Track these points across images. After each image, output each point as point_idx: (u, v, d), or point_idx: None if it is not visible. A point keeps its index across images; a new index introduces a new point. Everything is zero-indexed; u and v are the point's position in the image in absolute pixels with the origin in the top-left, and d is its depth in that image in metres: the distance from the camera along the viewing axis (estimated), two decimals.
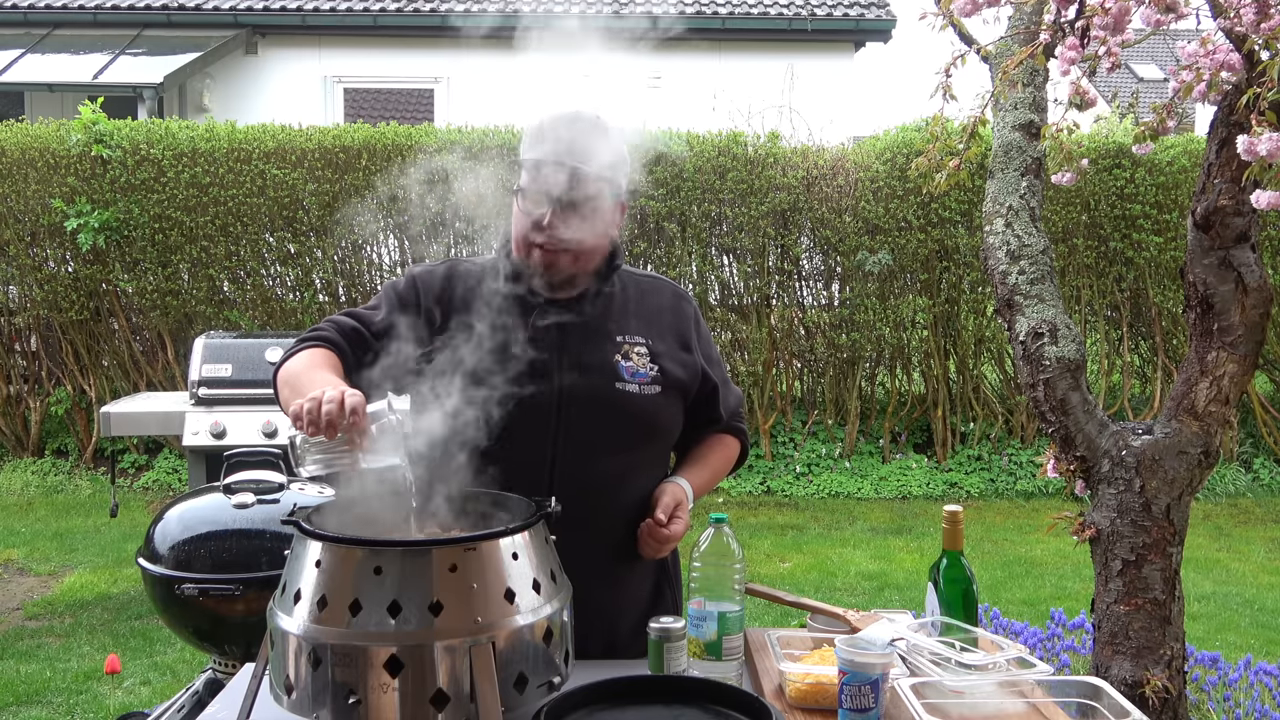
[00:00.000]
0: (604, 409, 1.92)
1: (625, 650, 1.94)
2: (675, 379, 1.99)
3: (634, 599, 2.01)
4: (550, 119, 1.92)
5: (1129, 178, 7.49)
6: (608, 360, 1.94)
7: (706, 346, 2.10)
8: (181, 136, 7.52)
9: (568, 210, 1.88)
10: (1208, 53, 2.26)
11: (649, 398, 1.94)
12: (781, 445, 8.03)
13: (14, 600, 5.37)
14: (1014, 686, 1.69)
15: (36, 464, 7.87)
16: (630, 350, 1.97)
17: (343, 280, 7.89)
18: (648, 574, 2.06)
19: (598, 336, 1.96)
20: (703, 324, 2.13)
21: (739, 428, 2.17)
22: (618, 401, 1.92)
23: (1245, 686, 3.51)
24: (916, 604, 4.14)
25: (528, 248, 1.93)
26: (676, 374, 1.99)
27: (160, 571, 2.93)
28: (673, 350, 2.01)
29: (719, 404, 2.10)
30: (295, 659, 1.47)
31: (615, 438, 1.92)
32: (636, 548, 1.98)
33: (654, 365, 1.97)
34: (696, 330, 2.08)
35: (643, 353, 1.97)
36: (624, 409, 1.93)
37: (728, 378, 2.15)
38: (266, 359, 4.82)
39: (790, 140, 7.91)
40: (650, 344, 1.99)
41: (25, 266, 7.70)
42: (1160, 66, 19.93)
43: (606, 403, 1.92)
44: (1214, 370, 2.40)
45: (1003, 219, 2.66)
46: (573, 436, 1.91)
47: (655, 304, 2.06)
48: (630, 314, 2.01)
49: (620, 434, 1.92)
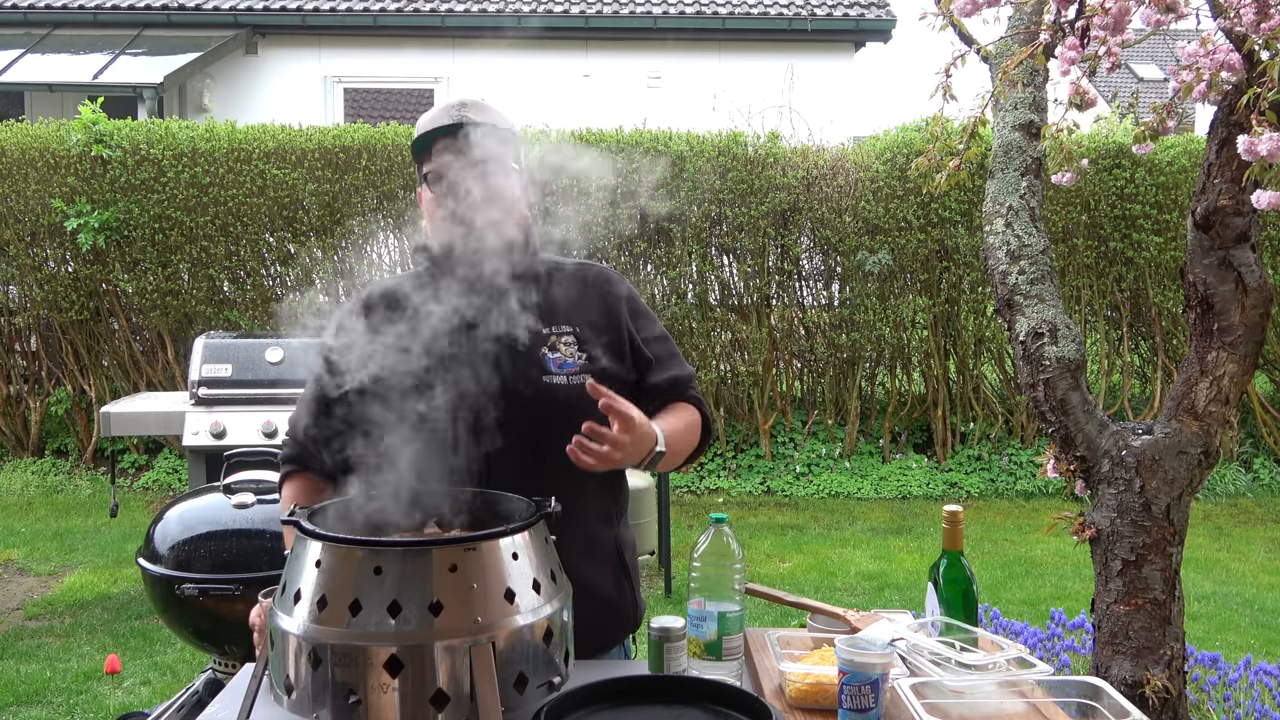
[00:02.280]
0: (533, 403, 1.90)
1: (586, 647, 1.82)
2: (604, 366, 1.96)
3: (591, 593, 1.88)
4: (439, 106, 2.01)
5: (1129, 178, 7.49)
6: (533, 353, 1.93)
7: (643, 324, 2.06)
8: (181, 136, 7.53)
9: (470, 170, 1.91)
10: (1208, 53, 2.26)
11: (578, 387, 1.90)
12: (781, 445, 8.03)
13: (14, 600, 5.37)
14: (1014, 686, 1.69)
15: (36, 464, 7.87)
16: (557, 341, 1.95)
17: (343, 280, 7.89)
18: (605, 569, 2.01)
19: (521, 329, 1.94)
20: (639, 302, 2.08)
21: (692, 395, 2.08)
22: (546, 394, 1.90)
23: (1245, 686, 3.51)
24: (916, 604, 4.14)
25: (446, 227, 1.94)
26: (605, 360, 1.96)
27: (160, 571, 2.94)
28: (601, 336, 1.98)
29: (652, 375, 2.02)
30: (295, 659, 1.47)
31: (549, 430, 1.87)
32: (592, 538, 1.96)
33: (582, 353, 1.95)
34: (629, 310, 2.04)
35: (570, 341, 1.95)
36: (553, 400, 1.90)
37: (674, 353, 2.09)
38: (266, 359, 4.83)
39: (790, 140, 7.91)
40: (578, 331, 1.97)
41: (25, 266, 7.70)
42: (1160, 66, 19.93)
43: (534, 397, 1.90)
44: (1214, 370, 2.40)
45: (1003, 219, 2.67)
46: (507, 434, 1.88)
47: (582, 290, 2.03)
48: (556, 303, 1.99)
49: (553, 426, 1.86)
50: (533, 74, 11.07)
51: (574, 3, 12.30)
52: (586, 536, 1.95)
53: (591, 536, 1.97)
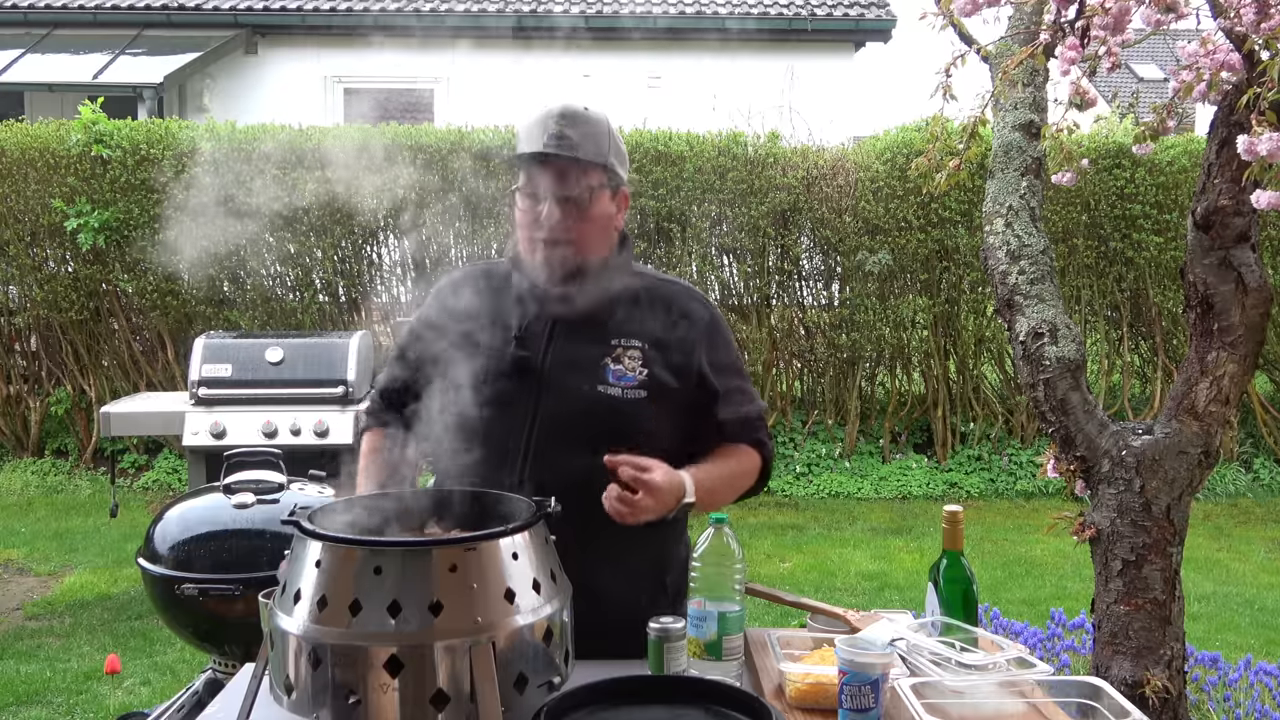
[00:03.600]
0: (580, 409, 1.91)
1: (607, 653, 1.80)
2: (664, 385, 1.96)
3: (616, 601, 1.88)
4: (540, 115, 1.94)
5: (1129, 178, 7.49)
6: (595, 361, 1.94)
7: (719, 354, 2.04)
8: (181, 136, 7.53)
9: (564, 202, 1.90)
10: (1208, 53, 2.26)
11: (631, 401, 1.92)
12: (781, 445, 8.03)
13: (14, 600, 5.37)
14: (1014, 686, 1.69)
15: (36, 464, 7.87)
16: (623, 353, 1.95)
17: (343, 280, 7.89)
18: (638, 577, 1.99)
19: (590, 337, 1.96)
20: (721, 331, 2.07)
21: (755, 439, 2.07)
22: (596, 403, 1.91)
23: (1245, 686, 3.51)
24: (916, 604, 4.14)
25: (532, 245, 1.95)
26: (666, 379, 1.96)
27: (160, 571, 2.94)
28: (670, 356, 1.98)
29: (719, 409, 2.02)
30: (295, 659, 1.47)
31: (589, 438, 1.88)
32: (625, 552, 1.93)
33: (644, 370, 1.95)
34: (708, 337, 2.03)
35: (635, 356, 1.95)
36: (601, 410, 1.91)
37: (746, 389, 2.07)
38: (266, 359, 4.83)
39: (790, 140, 7.90)
40: (646, 348, 1.96)
41: (25, 266, 7.69)
42: (1160, 66, 19.92)
43: (583, 403, 1.91)
44: (1214, 370, 2.40)
45: (1003, 219, 2.67)
46: (547, 434, 1.91)
47: (664, 308, 2.02)
48: (635, 317, 1.99)
49: (594, 435, 1.89)
50: (532, 74, 11.07)
51: (574, 3, 12.30)
52: (624, 548, 1.91)
53: (627, 549, 1.92)
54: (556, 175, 1.90)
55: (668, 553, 2.05)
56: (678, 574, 2.03)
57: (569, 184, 1.90)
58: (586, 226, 1.93)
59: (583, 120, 1.93)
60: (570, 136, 1.89)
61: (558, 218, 1.90)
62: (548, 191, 1.90)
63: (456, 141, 7.50)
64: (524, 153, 1.92)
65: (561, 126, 1.90)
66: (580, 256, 1.95)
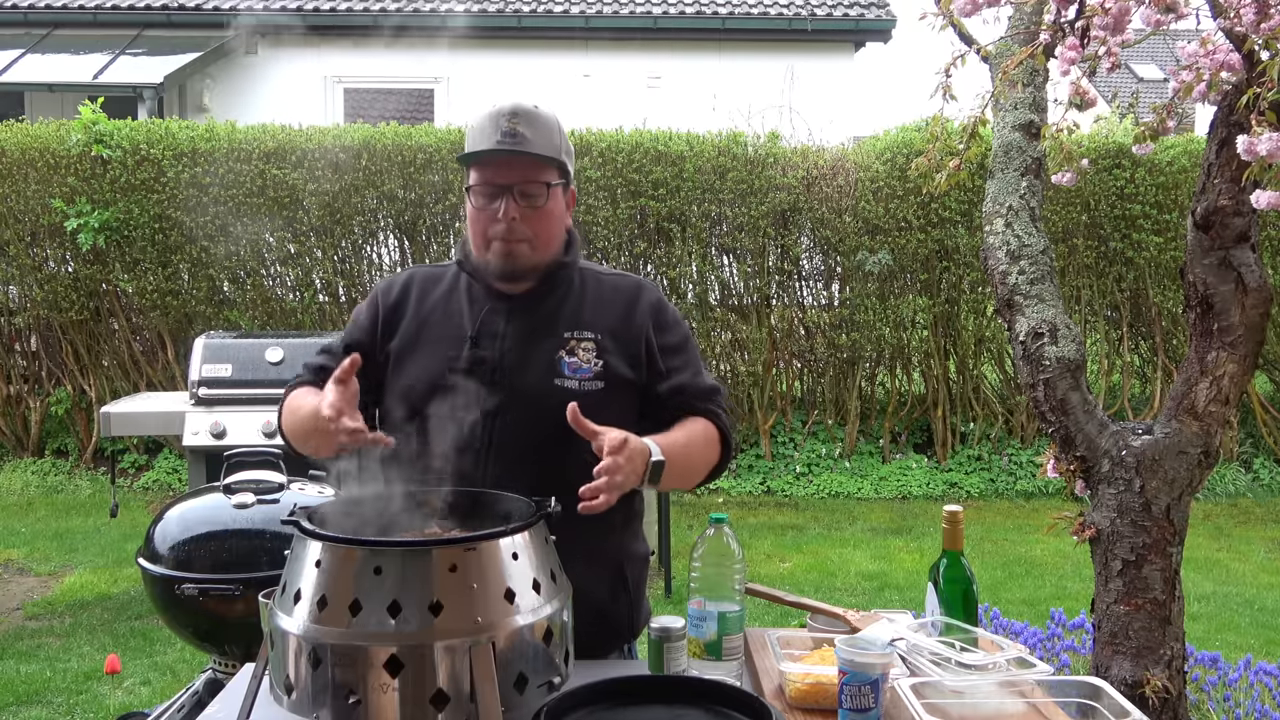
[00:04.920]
0: (538, 404, 1.91)
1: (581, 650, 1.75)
2: (620, 374, 1.96)
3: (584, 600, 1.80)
4: (491, 112, 1.94)
5: (1129, 178, 7.49)
6: (549, 355, 1.95)
7: (666, 334, 2.04)
8: (181, 136, 7.52)
9: (521, 197, 1.92)
10: (1208, 53, 2.26)
11: (588, 394, 1.92)
12: (781, 445, 8.03)
13: (14, 600, 5.37)
14: (1014, 686, 1.69)
15: (36, 464, 7.87)
16: (576, 345, 1.96)
17: (343, 280, 7.89)
18: (602, 578, 1.99)
19: (543, 332, 1.97)
20: (667, 313, 2.06)
21: (707, 409, 2.02)
22: (552, 396, 1.90)
23: (1245, 686, 3.51)
24: (916, 604, 4.14)
25: (486, 242, 1.96)
26: (621, 369, 1.97)
27: (160, 571, 2.93)
28: (623, 345, 1.99)
29: (666, 385, 2.00)
30: (295, 659, 1.47)
31: (548, 432, 1.87)
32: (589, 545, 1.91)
33: (599, 360, 1.96)
34: (654, 319, 2.03)
35: (589, 348, 1.96)
36: (558, 404, 1.86)
37: (690, 364, 2.04)
38: (266, 359, 4.82)
39: (790, 140, 7.91)
40: (599, 339, 1.97)
41: (25, 266, 7.70)
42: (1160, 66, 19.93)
43: (541, 398, 1.91)
44: (1214, 370, 2.40)
45: (1003, 219, 2.67)
46: (507, 430, 1.91)
47: (613, 299, 2.04)
48: (584, 310, 2.00)
49: (553, 429, 1.84)
50: (533, 74, 11.06)
51: (574, 3, 12.30)
52: (584, 543, 1.88)
53: (588, 543, 1.90)
54: (511, 171, 1.91)
55: (627, 547, 2.06)
56: (637, 568, 2.08)
57: (524, 179, 1.91)
58: (542, 221, 1.94)
59: (534, 118, 1.94)
60: (524, 133, 1.91)
61: (515, 213, 1.91)
62: (499, 188, 1.91)
63: (457, 141, 7.50)
64: (479, 149, 1.92)
65: (514, 124, 1.91)
66: (535, 253, 1.96)
